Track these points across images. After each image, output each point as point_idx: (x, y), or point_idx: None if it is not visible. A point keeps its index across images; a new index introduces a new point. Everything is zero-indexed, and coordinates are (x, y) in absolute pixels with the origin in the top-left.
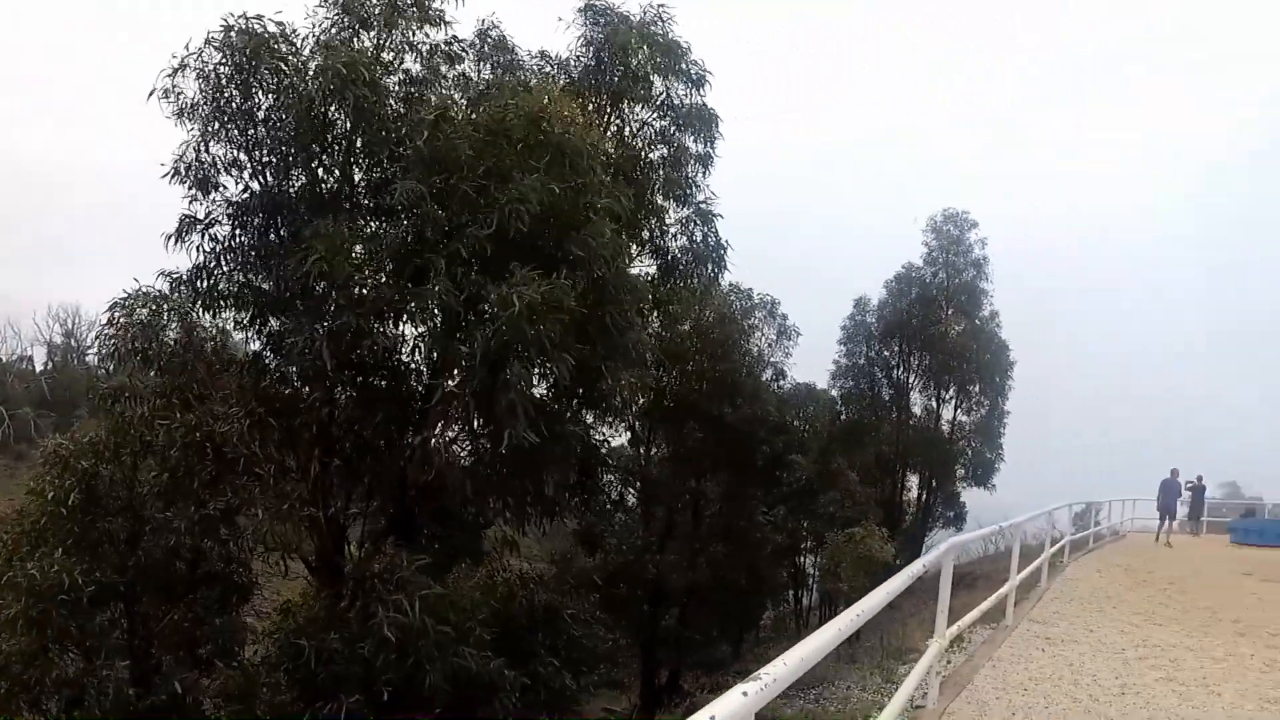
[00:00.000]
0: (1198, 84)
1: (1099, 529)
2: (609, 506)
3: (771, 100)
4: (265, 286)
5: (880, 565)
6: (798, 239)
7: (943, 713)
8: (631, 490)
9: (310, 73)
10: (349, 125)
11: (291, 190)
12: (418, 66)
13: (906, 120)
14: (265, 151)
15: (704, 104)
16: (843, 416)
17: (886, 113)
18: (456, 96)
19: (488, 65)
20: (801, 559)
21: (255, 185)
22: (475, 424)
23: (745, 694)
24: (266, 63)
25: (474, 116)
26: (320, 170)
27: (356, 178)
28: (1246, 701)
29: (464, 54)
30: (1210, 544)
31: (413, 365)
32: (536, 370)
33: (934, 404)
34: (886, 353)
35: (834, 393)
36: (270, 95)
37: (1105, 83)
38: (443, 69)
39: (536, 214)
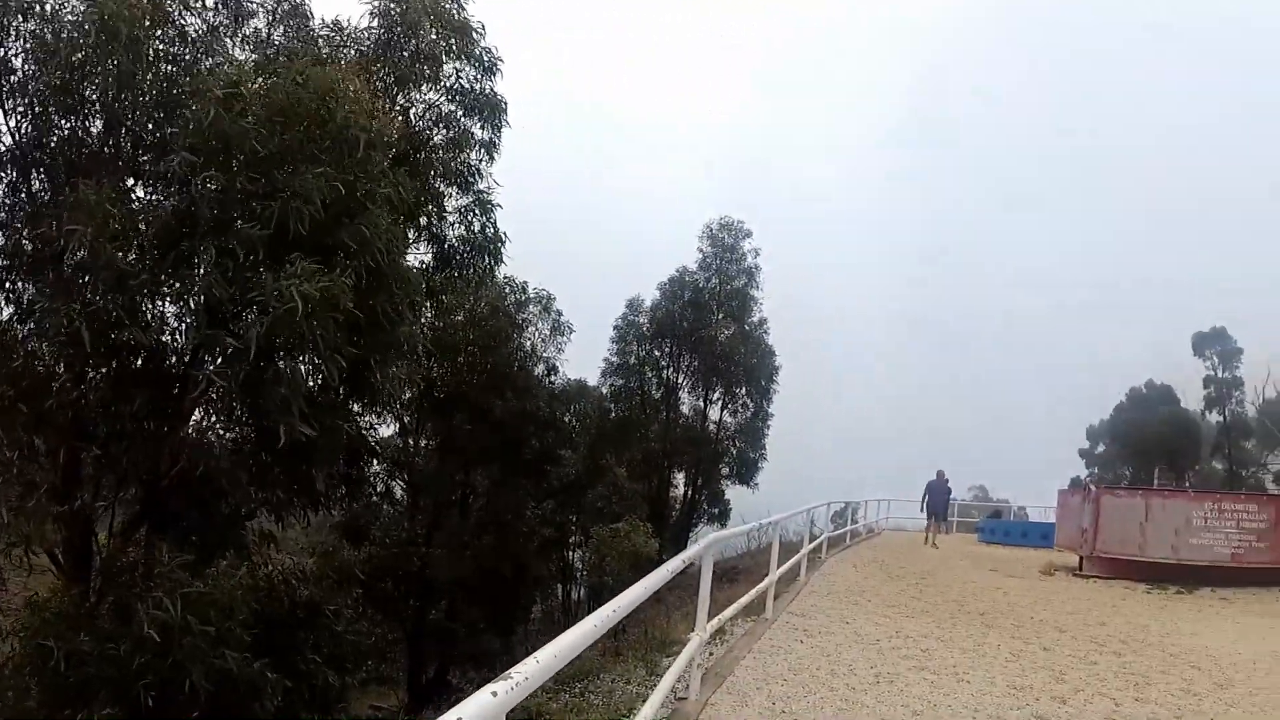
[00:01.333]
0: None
1: (856, 527)
2: (375, 498)
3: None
4: (25, 245)
5: (645, 559)
6: (580, 234)
7: (705, 704)
8: (399, 482)
9: (65, 28)
10: (114, 89)
11: (52, 143)
12: (197, 22)
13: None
14: (19, 101)
15: (493, 91)
16: (612, 414)
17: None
18: (244, 56)
19: (281, 28)
20: (570, 553)
21: (8, 138)
22: (239, 413)
23: (495, 694)
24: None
25: (262, 92)
26: (86, 125)
27: (124, 141)
28: (994, 688)
29: (255, 9)
30: (960, 542)
31: (175, 347)
32: (307, 366)
33: (702, 404)
34: (657, 353)
35: (604, 390)
36: (21, 44)
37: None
38: (228, 28)
39: (316, 211)
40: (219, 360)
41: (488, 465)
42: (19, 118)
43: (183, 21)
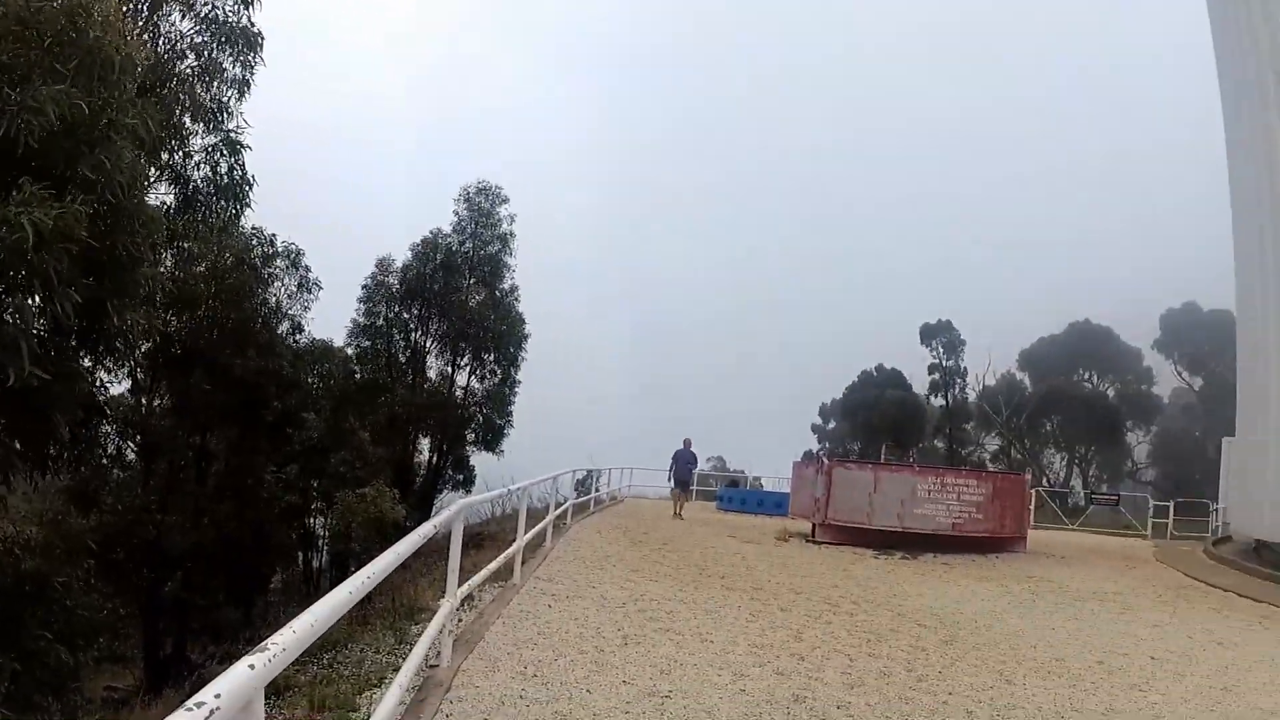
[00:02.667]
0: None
1: (600, 494)
2: (106, 462)
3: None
4: None
5: (391, 526)
6: (335, 188)
7: (457, 670)
8: (131, 444)
9: None
10: None
11: None
12: None
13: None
14: None
15: (250, 24)
16: (358, 375)
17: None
18: None
19: None
20: (312, 520)
21: None
22: None
23: (253, 666)
24: None
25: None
26: None
27: None
28: (736, 647)
29: None
30: (699, 510)
31: None
32: (37, 303)
33: (450, 369)
34: (406, 315)
35: (350, 351)
36: None
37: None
38: None
39: (53, 128)
40: None
41: (227, 427)
42: None
43: None
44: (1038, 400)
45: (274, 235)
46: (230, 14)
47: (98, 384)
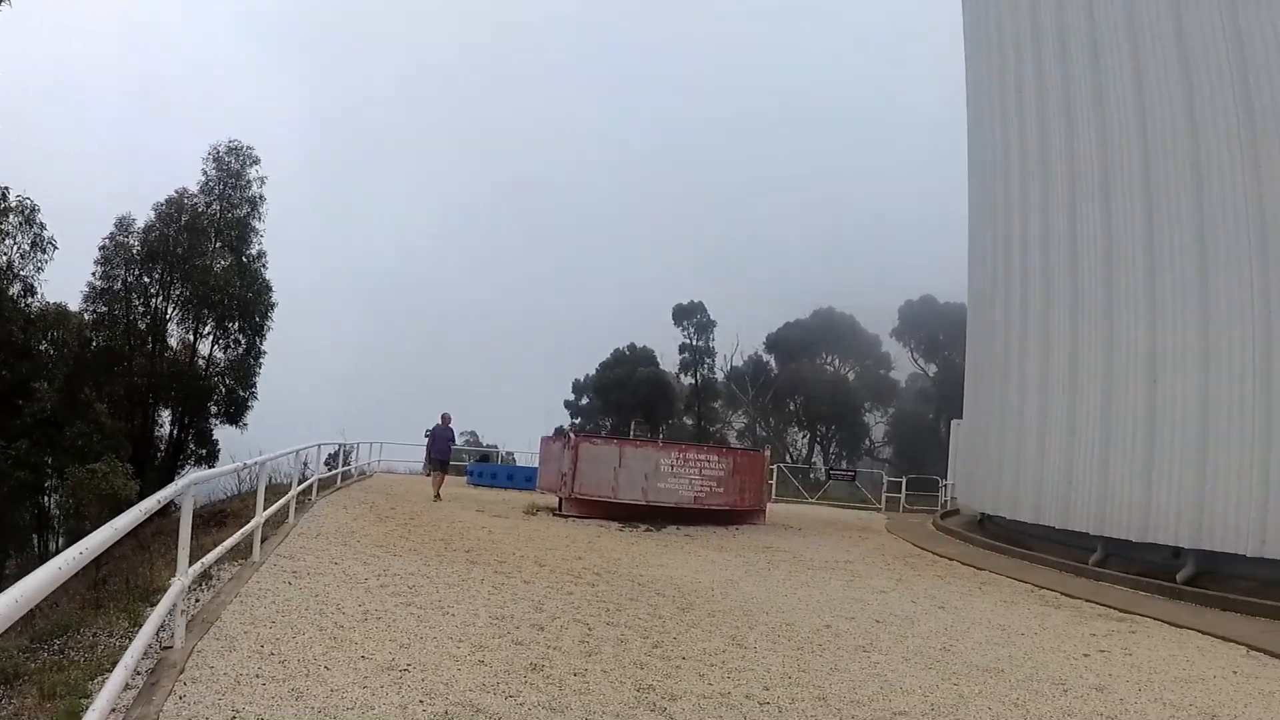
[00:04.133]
0: None
1: (348, 469)
2: None
3: None
4: None
5: (125, 503)
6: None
7: (191, 651)
8: None
9: None
10: None
11: None
12: None
13: None
14: None
15: None
16: (94, 343)
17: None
18: None
19: None
20: (47, 499)
21: None
22: None
23: None
24: None
25: None
26: None
27: None
28: (477, 619)
29: None
30: (450, 485)
31: None
32: None
33: (192, 338)
34: (147, 279)
35: (86, 316)
36: None
37: None
38: None
39: None
40: None
41: None
42: None
43: None
44: (783, 381)
45: (6, 189)
46: None
47: None
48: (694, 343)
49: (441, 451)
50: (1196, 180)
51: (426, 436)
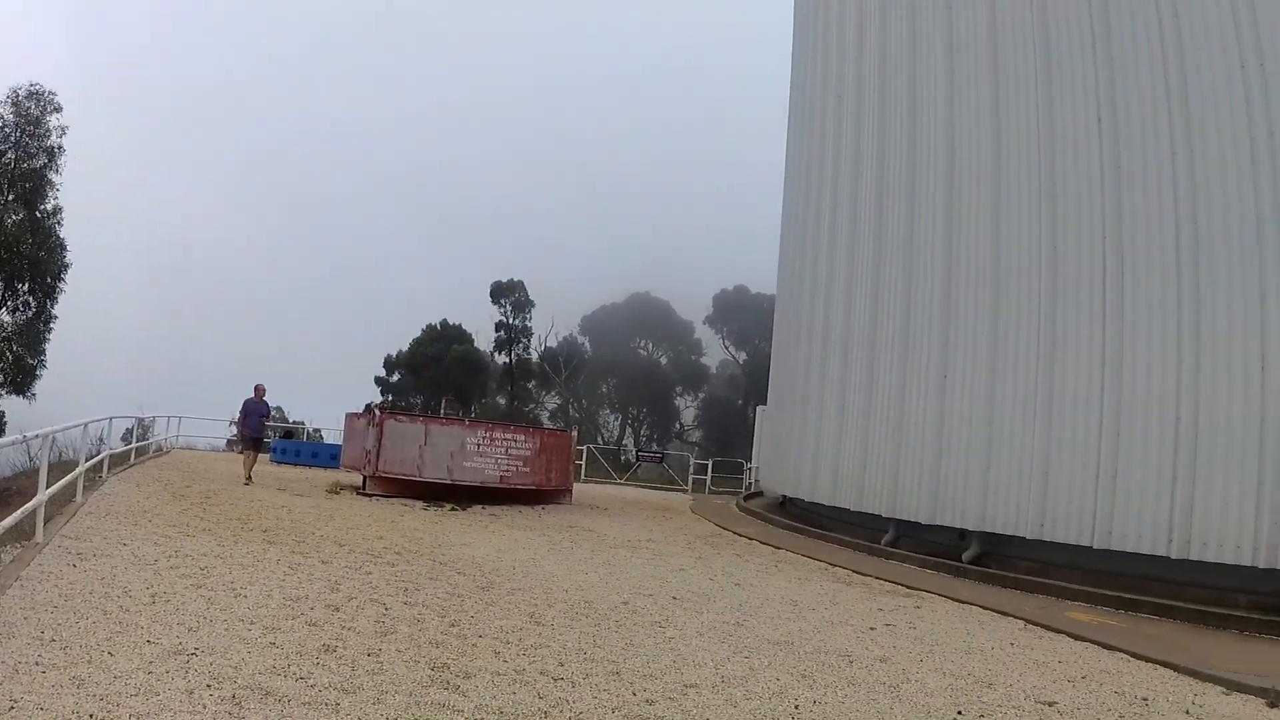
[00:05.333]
0: None
1: (145, 444)
2: None
3: None
4: None
5: None
6: None
7: None
8: None
9: None
10: None
11: None
12: None
13: None
14: None
15: None
16: None
17: None
18: None
19: None
20: None
21: None
22: None
23: None
24: None
25: None
26: None
27: None
28: (270, 600)
29: None
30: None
31: None
32: None
33: None
34: None
35: None
36: None
37: None
38: None
39: None
40: None
41: None
42: None
43: None
44: (597, 363)
45: None
46: None
47: None
48: (511, 321)
49: (254, 428)
50: (995, 187)
51: (241, 413)
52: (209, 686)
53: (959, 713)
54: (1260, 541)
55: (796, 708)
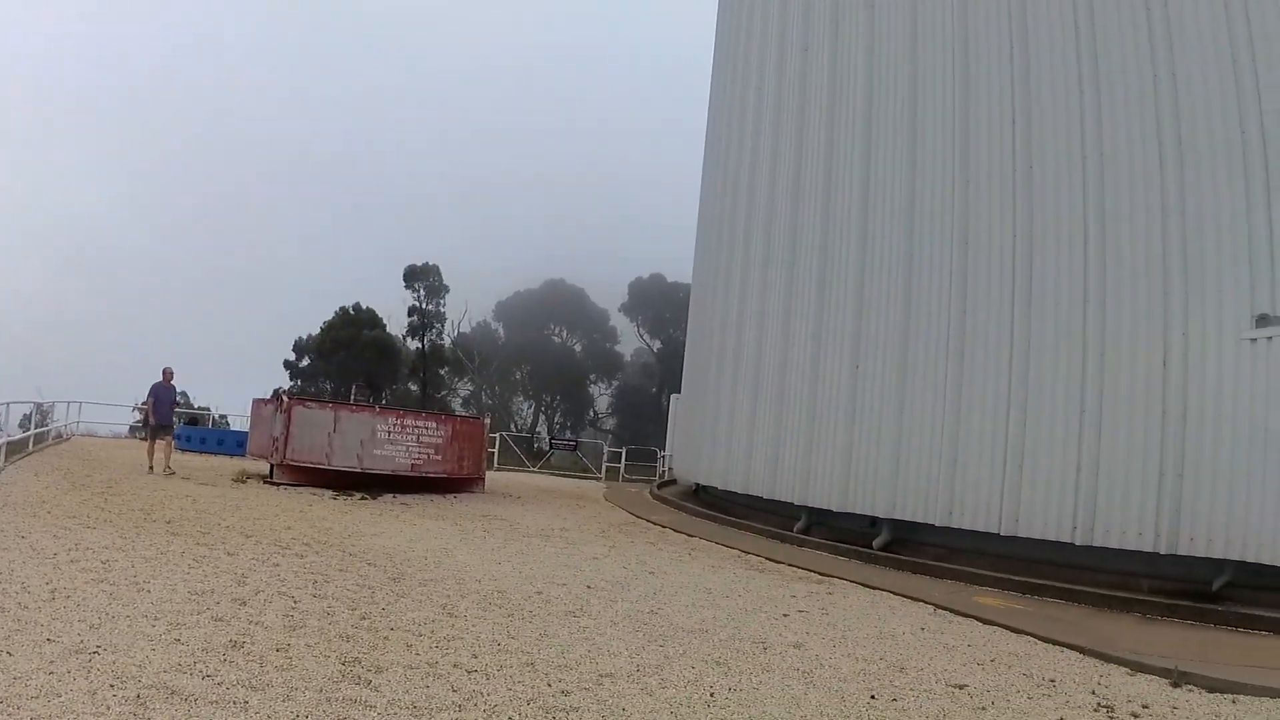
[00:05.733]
0: None
1: (44, 430)
2: None
3: None
4: None
5: None
6: None
7: None
8: None
9: None
10: None
11: None
12: None
13: None
14: None
15: None
16: None
17: None
18: None
19: None
20: None
21: None
22: None
23: None
24: None
25: None
26: None
27: None
28: (175, 595)
29: None
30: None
31: None
32: None
33: None
34: None
35: None
36: None
37: None
38: None
39: None
40: None
41: None
42: None
43: None
44: (511, 350)
45: None
46: None
47: None
48: (424, 306)
49: (163, 415)
50: (909, 180)
51: (151, 397)
52: (112, 686)
53: (872, 697)
54: (1162, 528)
55: (712, 695)
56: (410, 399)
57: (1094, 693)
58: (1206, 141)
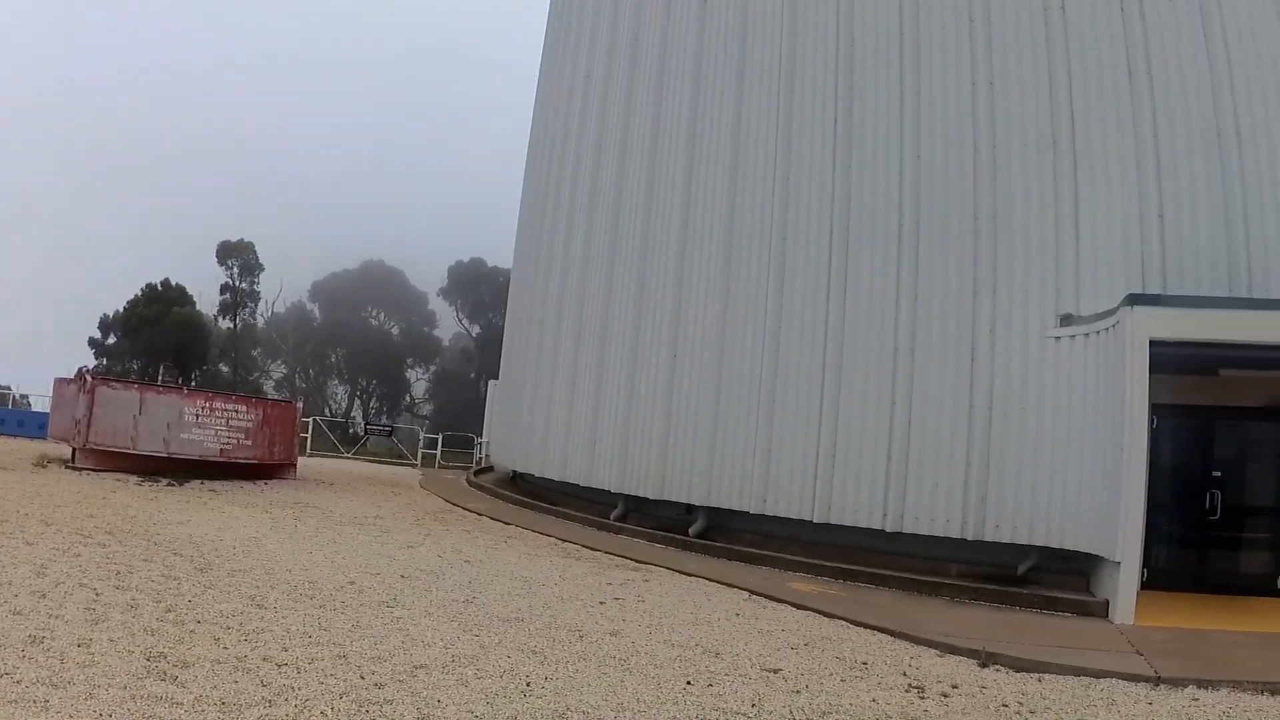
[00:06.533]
0: None
1: None
2: None
3: None
4: None
5: None
6: None
7: None
8: None
9: None
10: None
11: None
12: None
13: None
14: None
15: None
16: None
17: None
18: None
19: None
20: None
21: None
22: None
23: None
24: None
25: None
26: None
27: None
28: None
29: None
30: None
31: None
32: None
33: None
34: None
35: None
36: None
37: None
38: None
39: None
40: None
41: None
42: None
43: None
44: (327, 331)
45: None
46: None
47: None
48: (238, 285)
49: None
50: (732, 170)
51: None
52: None
53: (688, 683)
54: (969, 516)
55: (528, 685)
56: (221, 380)
57: (905, 674)
58: (1020, 151)
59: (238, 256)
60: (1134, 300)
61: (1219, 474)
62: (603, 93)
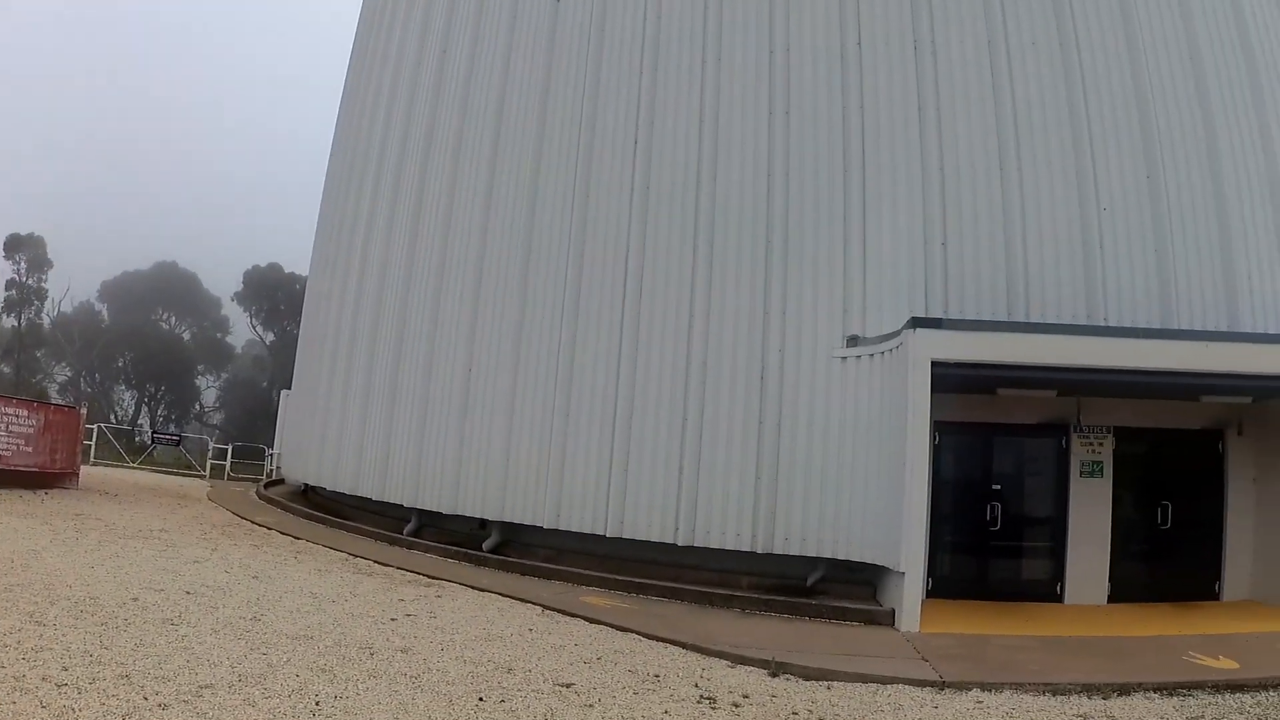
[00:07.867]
0: None
1: None
2: None
3: None
4: None
5: None
6: None
7: None
8: None
9: None
10: None
11: None
12: None
13: None
14: None
15: None
16: None
17: None
18: None
19: None
20: None
21: None
22: None
23: None
24: None
25: None
26: None
27: None
28: None
29: None
30: None
31: None
32: None
33: None
34: None
35: None
36: None
37: None
38: None
39: None
40: None
41: None
42: None
43: None
44: (115, 334)
45: None
46: None
47: None
48: (24, 281)
49: None
50: (533, 184)
51: None
52: None
53: (480, 699)
54: (759, 529)
55: (318, 704)
56: (3, 382)
57: (697, 685)
58: (812, 178)
59: (25, 251)
60: (916, 323)
61: (998, 487)
62: (409, 93)
